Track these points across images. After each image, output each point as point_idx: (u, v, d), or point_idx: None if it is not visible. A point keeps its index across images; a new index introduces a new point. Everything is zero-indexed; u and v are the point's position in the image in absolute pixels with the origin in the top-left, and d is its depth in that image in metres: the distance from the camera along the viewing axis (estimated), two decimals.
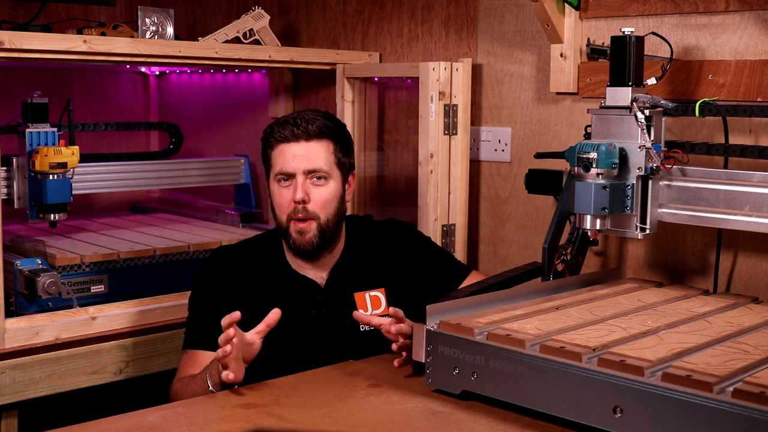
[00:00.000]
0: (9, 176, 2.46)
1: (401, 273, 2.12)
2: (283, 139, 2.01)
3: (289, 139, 2.00)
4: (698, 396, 1.34)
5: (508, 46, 2.54)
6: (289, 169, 1.99)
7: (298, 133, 2.00)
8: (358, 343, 2.03)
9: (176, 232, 2.93)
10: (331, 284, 2.07)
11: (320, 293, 2.05)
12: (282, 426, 1.56)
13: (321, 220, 2.01)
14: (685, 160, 1.90)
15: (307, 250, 2.02)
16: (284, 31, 3.13)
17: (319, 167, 2.00)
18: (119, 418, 1.61)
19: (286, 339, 1.97)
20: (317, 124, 2.01)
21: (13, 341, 2.17)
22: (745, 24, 2.08)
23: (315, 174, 2.00)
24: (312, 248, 2.01)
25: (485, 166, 2.62)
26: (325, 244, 2.03)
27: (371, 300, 2.07)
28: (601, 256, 2.37)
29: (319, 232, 2.01)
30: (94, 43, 2.26)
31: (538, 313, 1.75)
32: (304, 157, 1.99)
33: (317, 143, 2.01)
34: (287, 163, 2.00)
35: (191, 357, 1.99)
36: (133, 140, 3.60)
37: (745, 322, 1.73)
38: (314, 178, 2.00)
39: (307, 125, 2.00)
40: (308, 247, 2.01)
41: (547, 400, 1.52)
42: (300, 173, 1.99)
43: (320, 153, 2.01)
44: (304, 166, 1.99)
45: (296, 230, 2.00)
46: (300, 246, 2.01)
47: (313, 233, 2.00)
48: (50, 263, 2.40)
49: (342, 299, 2.05)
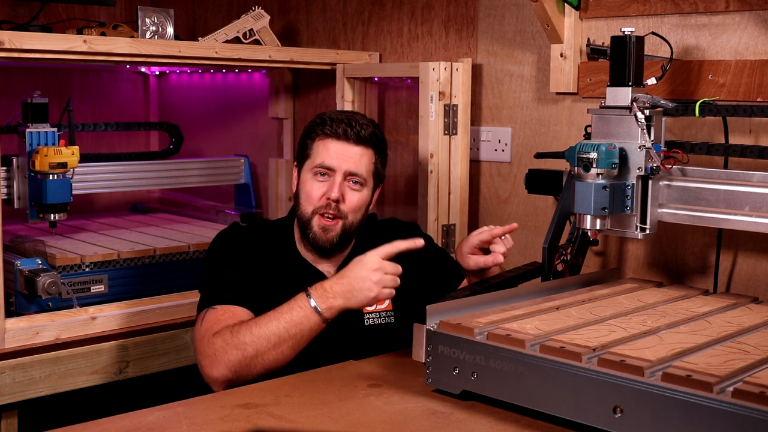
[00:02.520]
0: (9, 176, 2.46)
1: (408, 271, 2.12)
2: (334, 134, 2.02)
3: (339, 137, 2.01)
4: (698, 396, 1.34)
5: (508, 46, 2.54)
6: (332, 164, 2.00)
7: (350, 134, 2.01)
8: (362, 337, 2.04)
9: (176, 232, 2.93)
10: None
11: None
12: (282, 426, 1.56)
13: (347, 222, 2.03)
14: (685, 160, 1.90)
15: (325, 248, 2.03)
16: (284, 31, 3.13)
17: (360, 172, 2.02)
18: (119, 418, 1.60)
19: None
20: (369, 130, 2.04)
21: (13, 341, 2.17)
22: (745, 24, 2.08)
23: (354, 178, 2.02)
24: (331, 246, 2.03)
25: (485, 166, 2.62)
26: (342, 245, 2.05)
27: None
28: (601, 256, 2.37)
29: (342, 233, 2.02)
30: (94, 43, 2.26)
31: (538, 313, 1.75)
32: (350, 158, 2.01)
33: (364, 149, 2.03)
34: (332, 159, 2.01)
35: (226, 310, 1.91)
36: (133, 140, 3.60)
37: (745, 322, 1.73)
38: (351, 182, 2.02)
39: (360, 129, 2.02)
40: (327, 245, 2.02)
41: (547, 400, 1.52)
42: (341, 172, 2.01)
43: (364, 159, 2.03)
44: (347, 167, 2.01)
45: (321, 225, 2.01)
46: (319, 242, 2.02)
47: (336, 233, 2.02)
48: (50, 263, 2.40)
49: None
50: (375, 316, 2.08)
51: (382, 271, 1.82)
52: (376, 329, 2.07)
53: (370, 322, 2.07)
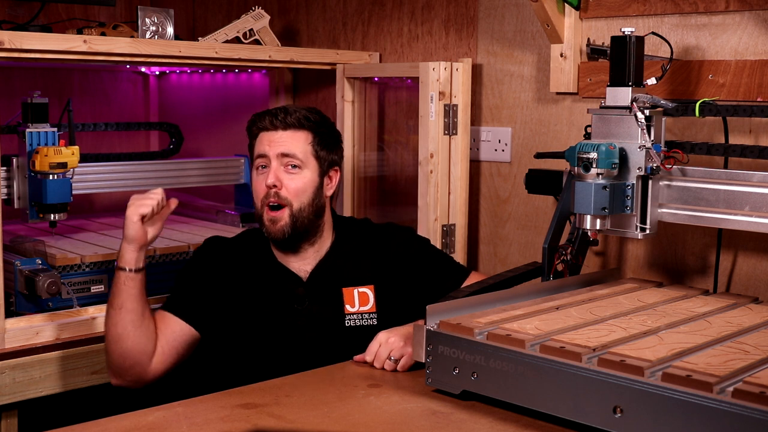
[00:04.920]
0: (9, 176, 2.46)
1: (395, 274, 2.12)
2: (263, 128, 2.08)
3: (267, 128, 2.07)
4: (698, 396, 1.34)
5: (508, 46, 2.54)
6: (265, 150, 2.05)
7: (276, 122, 2.07)
8: (344, 339, 2.03)
9: (176, 232, 2.93)
10: (315, 278, 2.08)
11: (300, 286, 2.07)
12: (282, 426, 1.56)
13: (294, 208, 2.03)
14: (685, 160, 1.90)
15: (278, 239, 2.05)
16: (284, 31, 3.13)
17: (292, 153, 2.05)
18: (119, 418, 1.61)
19: (268, 330, 2.02)
20: (296, 115, 2.08)
21: (13, 341, 2.17)
22: (745, 24, 2.08)
23: (289, 161, 2.05)
24: (283, 237, 2.04)
25: (485, 166, 2.62)
26: (298, 234, 2.05)
27: (359, 296, 2.08)
28: (601, 256, 2.37)
29: (291, 220, 2.03)
30: (94, 43, 2.26)
31: (538, 313, 1.76)
32: (280, 142, 2.05)
33: (294, 132, 2.07)
34: (264, 147, 2.06)
35: (161, 315, 2.04)
36: (133, 140, 3.59)
37: (745, 322, 1.73)
38: (288, 166, 2.05)
39: (286, 116, 2.07)
40: (279, 236, 2.04)
41: (547, 400, 1.52)
42: (274, 157, 2.04)
43: (296, 142, 2.06)
44: (278, 149, 2.04)
45: (269, 218, 2.04)
46: (272, 234, 2.05)
47: (284, 222, 2.03)
48: (50, 263, 2.39)
49: (326, 293, 2.07)
50: (357, 317, 2.07)
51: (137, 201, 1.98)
52: (358, 331, 2.04)
53: (351, 323, 2.06)
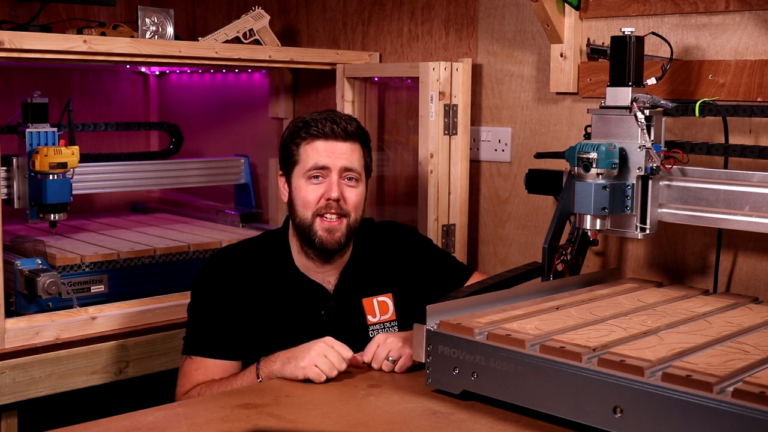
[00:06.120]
0: (9, 176, 2.46)
1: (406, 277, 2.11)
2: (321, 135, 1.97)
3: (328, 136, 1.97)
4: (698, 396, 1.34)
5: (508, 46, 2.54)
6: (327, 163, 1.96)
7: (337, 131, 1.97)
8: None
9: (176, 232, 2.93)
10: (340, 289, 2.04)
11: (331, 299, 2.03)
12: (282, 426, 1.56)
13: (351, 220, 1.99)
14: (685, 160, 1.90)
15: (333, 249, 1.98)
16: (284, 31, 3.13)
17: (354, 167, 1.99)
18: (119, 418, 1.60)
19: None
20: (355, 125, 2.01)
21: (13, 341, 2.17)
22: (745, 24, 2.08)
23: (349, 174, 1.98)
24: (338, 248, 1.98)
25: (485, 166, 2.62)
26: (346, 245, 2.02)
27: (379, 305, 2.06)
28: (601, 256, 2.37)
29: (347, 231, 1.99)
30: (94, 43, 2.26)
31: (538, 313, 1.75)
32: (342, 155, 1.97)
33: (353, 144, 2.00)
34: (324, 158, 1.96)
35: (199, 365, 1.94)
36: (133, 140, 3.60)
37: (745, 322, 1.73)
38: (346, 179, 1.98)
39: (347, 125, 1.98)
40: (335, 246, 1.98)
41: (547, 400, 1.52)
42: (336, 170, 1.96)
43: (356, 154, 2.00)
44: (342, 163, 1.97)
45: (324, 228, 1.96)
46: (327, 245, 1.97)
47: (341, 232, 1.97)
48: (50, 263, 2.40)
49: (350, 304, 2.04)
50: (379, 327, 2.05)
51: (325, 353, 1.78)
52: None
53: (374, 334, 2.00)
